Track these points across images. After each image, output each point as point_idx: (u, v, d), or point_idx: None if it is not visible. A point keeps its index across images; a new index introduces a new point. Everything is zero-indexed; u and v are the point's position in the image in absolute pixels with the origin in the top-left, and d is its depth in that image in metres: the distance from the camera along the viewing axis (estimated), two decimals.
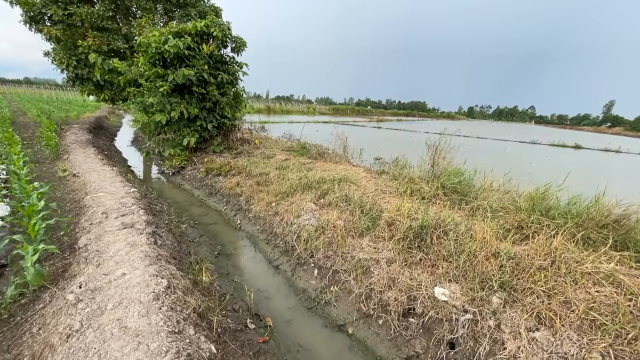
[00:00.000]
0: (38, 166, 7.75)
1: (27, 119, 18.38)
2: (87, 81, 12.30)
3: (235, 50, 10.21)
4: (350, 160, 9.97)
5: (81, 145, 9.97)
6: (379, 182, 6.60)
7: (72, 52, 11.82)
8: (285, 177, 6.98)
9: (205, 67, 9.04)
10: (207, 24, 9.17)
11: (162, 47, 8.51)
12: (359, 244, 4.38)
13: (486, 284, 3.16)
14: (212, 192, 7.76)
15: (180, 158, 9.51)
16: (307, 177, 6.69)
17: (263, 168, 7.86)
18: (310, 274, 4.35)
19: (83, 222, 4.20)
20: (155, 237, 3.84)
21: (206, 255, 4.83)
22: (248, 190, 6.99)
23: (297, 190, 6.33)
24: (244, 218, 6.35)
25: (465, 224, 4.04)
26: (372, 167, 10.29)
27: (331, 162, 8.60)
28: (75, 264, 3.20)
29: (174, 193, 8.18)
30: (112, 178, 6.21)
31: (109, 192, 5.31)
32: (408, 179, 6.35)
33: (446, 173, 5.89)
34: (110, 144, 13.96)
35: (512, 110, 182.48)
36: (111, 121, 24.60)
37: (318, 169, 7.62)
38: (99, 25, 12.07)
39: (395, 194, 5.92)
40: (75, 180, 6.37)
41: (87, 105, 34.85)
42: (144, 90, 9.03)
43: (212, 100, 9.59)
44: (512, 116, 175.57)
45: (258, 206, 6.23)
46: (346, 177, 6.62)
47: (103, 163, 7.58)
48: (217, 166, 8.50)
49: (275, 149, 10.32)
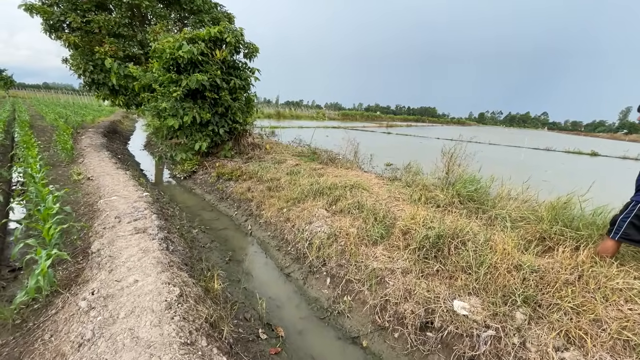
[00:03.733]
0: (53, 169, 7.89)
1: (45, 122, 18.86)
2: (102, 86, 12.57)
3: (248, 56, 10.29)
4: (362, 166, 9.88)
5: (95, 149, 10.14)
6: (391, 189, 6.48)
7: (89, 58, 12.11)
8: (297, 183, 6.92)
9: (218, 73, 9.12)
10: (220, 30, 9.27)
11: (176, 52, 8.63)
12: (372, 253, 4.27)
13: (509, 299, 3.01)
14: (223, 197, 7.75)
15: (191, 162, 9.57)
16: (319, 183, 6.62)
17: (274, 173, 7.82)
18: (323, 282, 4.25)
19: (97, 226, 4.21)
20: (167, 242, 3.81)
21: (217, 261, 4.79)
22: (259, 196, 6.96)
23: (308, 196, 6.26)
24: (255, 224, 6.31)
25: (484, 234, 3.90)
26: (383, 173, 10.18)
27: (342, 168, 8.52)
28: (88, 269, 3.18)
29: (185, 197, 8.21)
30: (125, 182, 6.26)
31: (122, 196, 5.34)
32: (422, 186, 6.22)
33: (461, 180, 5.75)
34: (123, 148, 14.18)
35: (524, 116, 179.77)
36: (125, 125, 25.09)
37: (329, 174, 7.55)
38: (115, 32, 12.36)
39: (408, 202, 5.79)
40: (90, 183, 6.44)
41: (103, 109, 35.70)
42: (158, 95, 9.15)
43: (224, 106, 9.65)
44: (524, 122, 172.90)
45: (269, 212, 6.18)
46: (358, 184, 6.53)
47: (116, 167, 7.66)
48: (228, 171, 8.51)
49: (286, 154, 10.30)
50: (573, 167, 18.22)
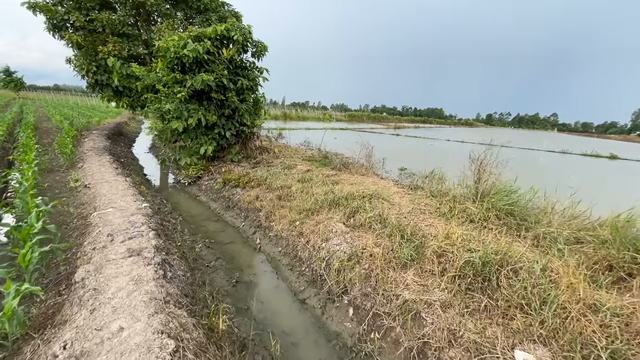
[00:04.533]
0: (51, 175, 7.44)
1: (51, 124, 18.60)
2: (106, 87, 12.14)
3: (256, 55, 9.77)
4: (377, 172, 9.27)
5: (97, 152, 9.70)
6: (414, 199, 5.87)
7: (93, 58, 11.69)
8: (309, 192, 6.35)
9: (224, 73, 8.61)
10: (227, 27, 8.76)
11: (181, 51, 8.14)
12: (402, 279, 3.66)
13: (589, 351, 2.38)
14: (230, 205, 7.21)
15: (196, 167, 9.06)
16: (334, 192, 6.04)
17: (284, 180, 7.26)
18: (345, 313, 3.66)
19: (86, 246, 3.68)
20: (165, 268, 3.26)
21: (222, 283, 4.23)
22: (268, 205, 6.39)
23: (323, 208, 5.68)
24: (264, 237, 5.74)
25: (540, 261, 3.26)
26: (400, 180, 9.56)
27: (357, 174, 7.93)
28: (67, 304, 2.64)
29: (190, 205, 7.69)
30: (124, 190, 5.75)
31: (119, 207, 4.82)
32: (449, 197, 5.59)
33: (496, 191, 5.11)
34: (127, 151, 13.78)
35: (533, 118, 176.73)
36: (130, 127, 24.83)
37: (344, 182, 6.96)
38: (120, 31, 11.94)
39: (436, 215, 5.17)
40: (86, 192, 5.95)
41: (110, 111, 35.57)
42: (161, 96, 8.67)
43: (231, 107, 9.14)
44: (532, 124, 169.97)
45: (280, 224, 5.61)
46: (377, 193, 5.92)
47: (117, 173, 7.18)
48: (235, 177, 7.97)
49: (295, 159, 9.75)
50: (596, 171, 17.34)
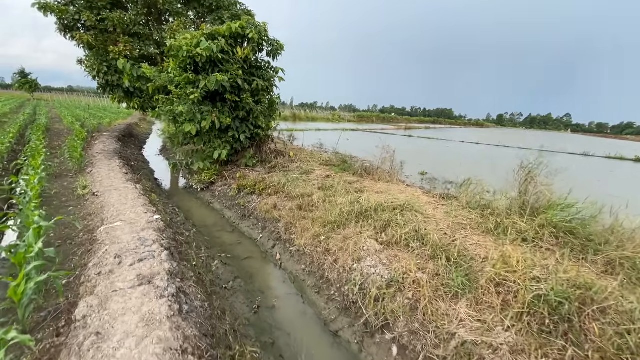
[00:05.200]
0: (59, 180, 7.09)
1: (62, 126, 18.53)
2: (117, 88, 11.87)
3: (272, 54, 9.30)
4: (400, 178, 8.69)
5: (107, 156, 9.36)
6: (450, 211, 5.29)
7: (103, 58, 11.43)
8: (333, 202, 5.83)
9: (239, 73, 8.16)
10: (242, 25, 8.31)
11: (194, 50, 7.72)
12: (454, 313, 3.11)
13: None
14: (245, 214, 6.74)
15: (210, 172, 8.63)
16: (360, 203, 5.50)
17: (303, 187, 6.75)
18: (387, 352, 3.13)
19: (90, 269, 3.24)
20: (180, 299, 2.78)
21: (243, 310, 3.74)
22: (288, 216, 5.90)
23: (349, 220, 5.15)
24: (285, 252, 5.24)
25: (637, 299, 2.67)
26: (424, 185, 8.97)
27: (381, 181, 7.38)
28: (65, 352, 2.17)
29: (203, 213, 7.25)
30: (134, 200, 5.32)
31: (128, 220, 4.38)
32: (492, 210, 5.00)
33: (549, 205, 4.50)
34: (138, 153, 13.48)
35: (546, 118, 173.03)
36: (141, 128, 24.71)
37: (369, 190, 6.42)
38: (131, 31, 11.65)
39: (479, 231, 4.60)
40: (94, 201, 5.54)
41: (121, 112, 35.70)
42: (174, 98, 8.27)
43: (246, 109, 8.69)
44: (545, 124, 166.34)
45: (302, 238, 5.10)
46: (408, 204, 5.36)
47: (126, 179, 6.77)
48: (251, 183, 7.51)
49: (312, 163, 9.24)
50: (624, 174, 16.40)
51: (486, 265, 3.64)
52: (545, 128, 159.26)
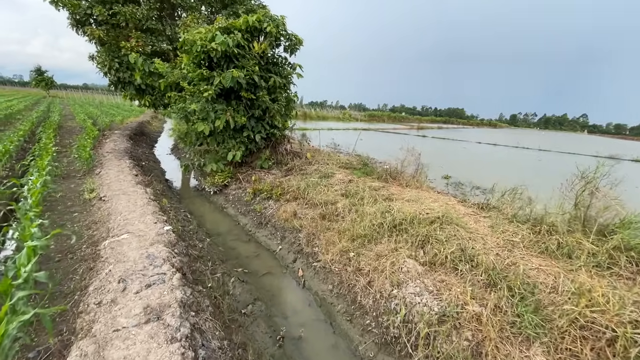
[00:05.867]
0: (66, 181, 6.71)
1: (75, 123, 18.40)
2: (128, 85, 11.50)
3: (289, 49, 8.75)
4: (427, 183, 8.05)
5: (117, 156, 8.99)
6: (496, 225, 4.66)
7: (115, 54, 11.08)
8: (360, 211, 5.26)
9: (255, 69, 7.64)
10: (259, 18, 7.79)
11: (208, 45, 7.23)
12: None
13: None
14: (262, 221, 6.22)
15: (223, 175, 8.15)
16: (391, 213, 4.92)
17: (325, 194, 6.20)
18: None
19: (90, 296, 2.75)
20: (195, 342, 2.26)
21: (265, 342, 3.21)
22: (310, 225, 5.36)
23: (381, 234, 4.58)
24: (308, 267, 4.70)
25: None
26: (459, 194, 8.31)
27: (409, 187, 6.76)
28: None
29: (216, 219, 6.77)
30: (143, 206, 4.85)
31: (136, 232, 3.90)
32: (548, 226, 4.35)
33: (625, 223, 3.84)
34: (149, 152, 13.15)
35: (561, 119, 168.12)
36: (153, 126, 24.55)
37: (398, 198, 5.82)
38: (143, 26, 11.27)
39: (536, 251, 3.96)
40: (101, 206, 5.10)
41: (133, 109, 35.73)
42: (186, 95, 7.81)
43: (262, 108, 8.17)
44: (560, 125, 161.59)
45: (328, 254, 4.55)
46: (447, 216, 4.75)
47: (136, 182, 6.33)
48: (267, 187, 6.99)
49: (331, 165, 8.66)
50: None
51: (556, 297, 3.04)
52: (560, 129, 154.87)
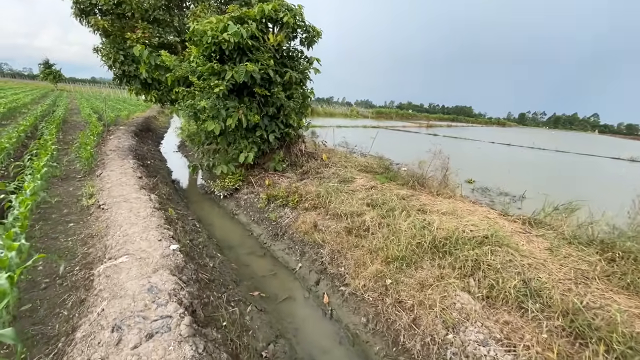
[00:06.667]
0: (65, 184, 6.16)
1: (80, 117, 17.94)
2: (134, 79, 10.93)
3: (306, 42, 8.06)
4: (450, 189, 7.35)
5: (121, 154, 8.42)
6: (555, 248, 3.98)
7: (120, 46, 10.50)
8: (392, 226, 4.61)
9: (270, 63, 7.00)
10: (275, 7, 7.12)
11: (220, 36, 6.59)
12: None
13: None
14: (278, 232, 5.60)
15: (234, 178, 7.54)
16: (430, 230, 4.26)
17: (349, 203, 5.55)
18: None
19: (76, 348, 2.16)
20: None
21: None
22: (333, 241, 4.73)
23: (421, 256, 3.93)
24: (334, 292, 4.07)
25: None
26: (489, 202, 7.62)
27: (440, 196, 6.08)
28: None
29: (227, 228, 6.17)
30: (147, 218, 4.26)
31: (137, 253, 3.30)
32: (623, 252, 3.66)
33: None
34: (155, 150, 12.60)
35: (571, 118, 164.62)
36: (160, 122, 24.03)
37: (432, 210, 5.15)
38: (150, 17, 10.66)
39: (616, 285, 3.28)
40: (99, 216, 4.53)
41: (140, 104, 35.16)
42: (195, 91, 7.19)
43: (277, 105, 7.53)
44: (570, 124, 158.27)
45: (358, 278, 3.92)
46: (495, 235, 4.08)
47: (140, 185, 5.75)
48: (282, 193, 6.37)
49: (349, 168, 8.00)
50: None
51: None
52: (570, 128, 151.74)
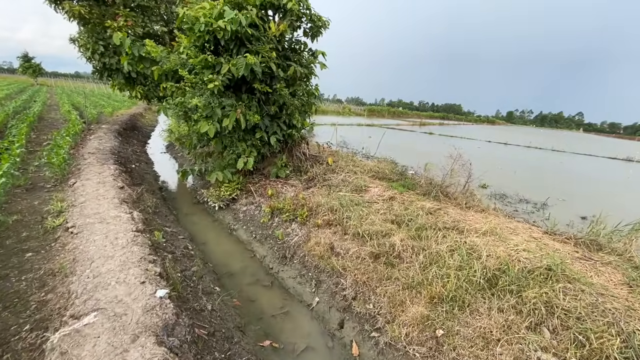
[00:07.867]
0: (29, 196, 5.16)
1: (59, 114, 16.58)
2: (116, 73, 9.84)
3: (312, 33, 7.18)
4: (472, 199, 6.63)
5: (101, 158, 7.40)
6: (633, 282, 3.27)
7: (100, 36, 9.40)
8: (426, 249, 3.83)
9: (272, 55, 6.11)
10: None
11: (214, 23, 5.66)
12: None
13: None
14: (286, 254, 4.76)
15: (231, 186, 6.63)
16: (480, 259, 3.49)
17: (370, 220, 4.72)
18: None
19: None
20: None
21: None
22: (356, 269, 3.92)
23: (473, 294, 3.16)
24: (365, 340, 3.26)
25: None
26: (518, 212, 6.94)
27: (471, 209, 5.33)
28: None
29: (225, 248, 5.28)
30: (126, 248, 3.36)
31: (111, 309, 2.42)
32: None
33: None
34: (141, 151, 11.52)
35: (557, 117, 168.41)
36: (146, 119, 22.73)
37: (468, 228, 4.39)
38: (133, 3, 9.58)
39: None
40: (67, 243, 3.60)
41: (125, 100, 33.49)
42: (186, 87, 6.25)
43: (279, 103, 6.66)
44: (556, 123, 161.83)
45: (397, 324, 3.12)
46: (560, 265, 3.34)
47: (120, 199, 4.80)
48: (288, 206, 5.51)
49: (359, 174, 7.19)
50: None
51: None
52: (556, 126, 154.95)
